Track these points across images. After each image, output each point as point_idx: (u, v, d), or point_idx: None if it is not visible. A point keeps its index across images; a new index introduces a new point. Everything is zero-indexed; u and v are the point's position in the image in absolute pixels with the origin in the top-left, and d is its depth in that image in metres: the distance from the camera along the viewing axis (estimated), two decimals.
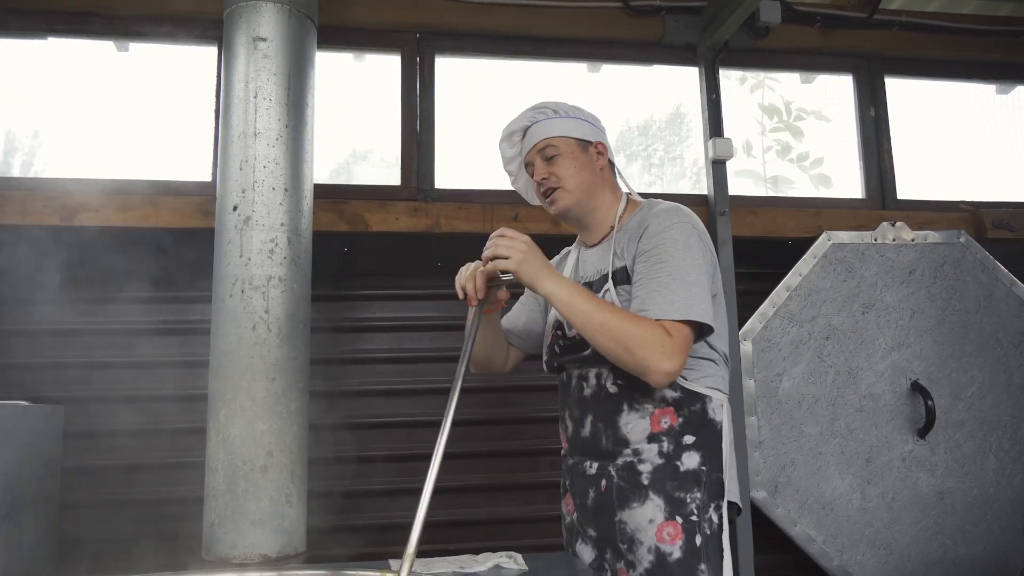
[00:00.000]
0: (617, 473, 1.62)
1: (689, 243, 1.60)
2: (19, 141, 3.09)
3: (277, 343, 2.16)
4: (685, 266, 1.56)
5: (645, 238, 1.63)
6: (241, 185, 2.22)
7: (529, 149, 1.78)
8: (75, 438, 2.47)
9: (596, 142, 1.79)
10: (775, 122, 3.61)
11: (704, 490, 1.58)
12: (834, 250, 3.08)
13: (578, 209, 1.76)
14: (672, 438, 1.60)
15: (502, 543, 2.70)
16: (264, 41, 2.27)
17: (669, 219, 1.63)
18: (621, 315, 1.53)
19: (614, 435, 1.64)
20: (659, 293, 1.54)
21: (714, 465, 1.61)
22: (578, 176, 1.74)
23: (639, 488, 1.59)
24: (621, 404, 1.64)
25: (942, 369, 3.07)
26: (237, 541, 2.04)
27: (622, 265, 1.68)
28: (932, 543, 2.96)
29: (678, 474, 1.59)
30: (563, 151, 1.74)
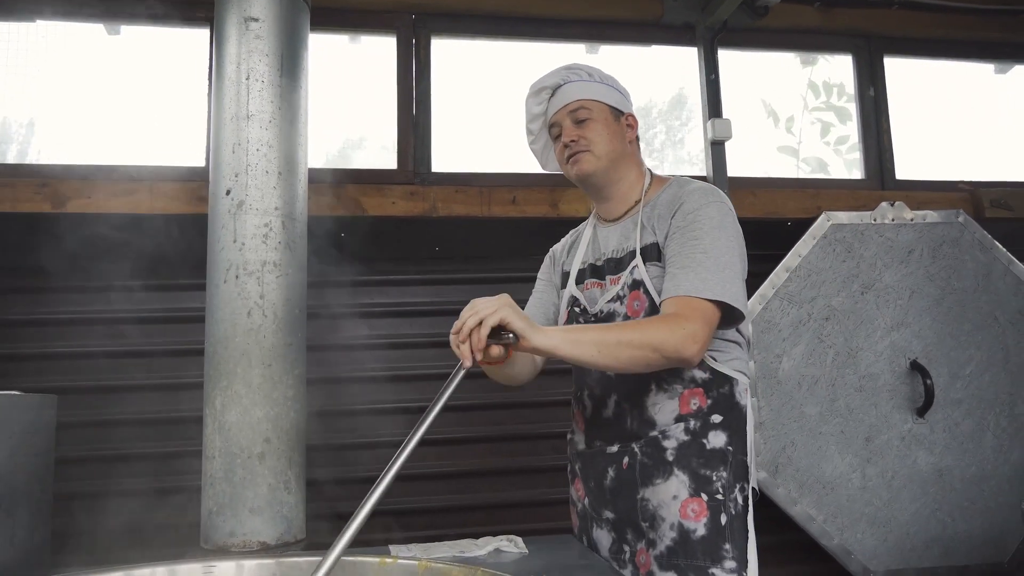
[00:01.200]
0: (641, 450, 1.58)
1: (724, 223, 1.55)
2: (9, 127, 3.04)
3: (273, 329, 2.13)
4: (720, 246, 1.51)
5: (680, 215, 1.57)
6: (234, 169, 2.18)
7: (558, 109, 1.71)
8: (69, 428, 2.45)
9: (628, 114, 1.73)
10: (820, 100, 3.58)
11: (730, 470, 1.54)
12: (833, 231, 3.06)
13: (602, 177, 1.70)
14: (699, 418, 1.56)
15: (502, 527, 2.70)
16: (256, 21, 2.22)
17: (706, 197, 1.58)
18: (633, 323, 1.50)
19: (640, 416, 1.60)
20: (692, 270, 1.49)
21: (740, 447, 1.58)
22: (608, 144, 1.68)
23: (663, 464, 1.55)
24: (649, 384, 1.59)
25: (940, 348, 3.07)
26: (236, 529, 2.02)
27: (653, 241, 1.62)
28: (931, 520, 2.97)
29: (704, 451, 1.55)
30: (595, 115, 1.68)
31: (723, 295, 1.47)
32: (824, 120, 3.59)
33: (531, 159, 3.21)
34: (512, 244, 3.05)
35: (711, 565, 1.49)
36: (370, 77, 3.23)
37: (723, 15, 3.22)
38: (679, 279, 1.49)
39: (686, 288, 1.47)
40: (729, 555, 1.50)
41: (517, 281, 3.06)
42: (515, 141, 3.28)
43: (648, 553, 1.55)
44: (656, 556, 1.53)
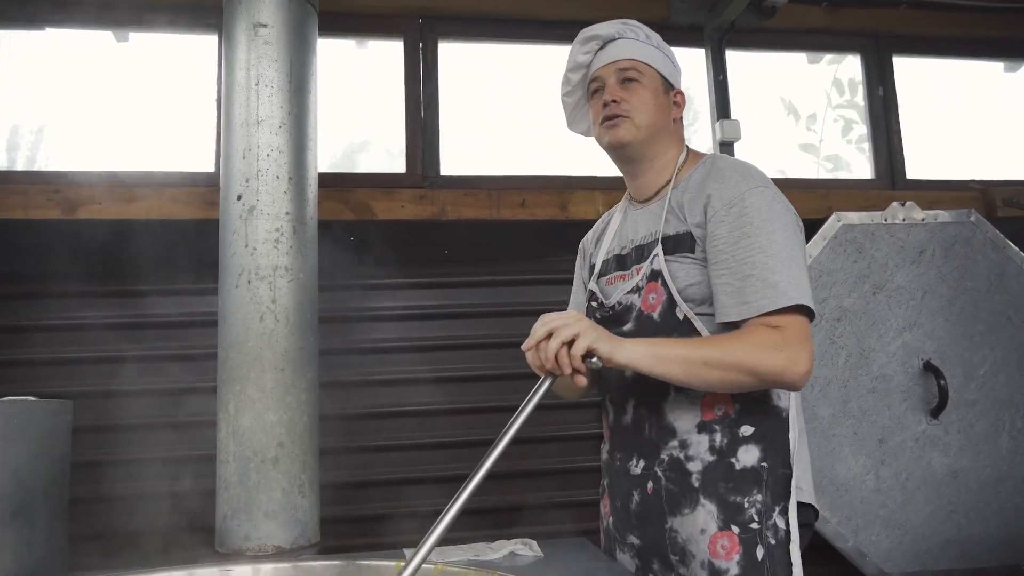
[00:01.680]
0: (664, 474, 1.41)
1: (774, 209, 1.36)
2: (20, 134, 3.06)
3: (285, 333, 2.14)
4: (777, 239, 1.32)
5: (716, 203, 1.38)
6: (245, 174, 2.19)
7: (606, 63, 1.53)
8: (84, 433, 2.45)
9: (678, 90, 1.58)
10: (843, 98, 3.56)
11: (766, 491, 1.33)
12: (844, 231, 3.04)
13: (638, 149, 1.52)
14: (726, 429, 1.37)
15: (515, 530, 2.69)
16: (265, 27, 2.23)
17: (744, 183, 1.38)
18: (719, 339, 1.31)
19: (659, 423, 1.42)
20: (756, 278, 1.29)
21: (778, 460, 1.36)
22: (653, 115, 1.50)
23: (689, 491, 1.37)
24: (667, 389, 1.40)
25: (954, 349, 3.05)
26: (250, 533, 2.02)
27: (684, 230, 1.43)
28: (946, 522, 2.94)
29: (732, 473, 1.34)
30: (646, 81, 1.51)
31: (798, 297, 1.29)
32: (847, 118, 3.58)
33: (540, 160, 3.24)
34: (521, 247, 3.05)
35: None
36: (377, 81, 3.24)
37: (730, 16, 3.22)
38: (745, 293, 1.30)
39: (755, 305, 1.29)
40: None
41: (527, 284, 3.08)
42: (523, 143, 3.29)
43: None
44: None
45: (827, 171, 3.55)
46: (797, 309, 1.29)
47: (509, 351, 2.96)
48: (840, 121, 3.56)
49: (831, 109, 3.56)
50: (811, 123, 3.54)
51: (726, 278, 1.33)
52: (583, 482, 2.93)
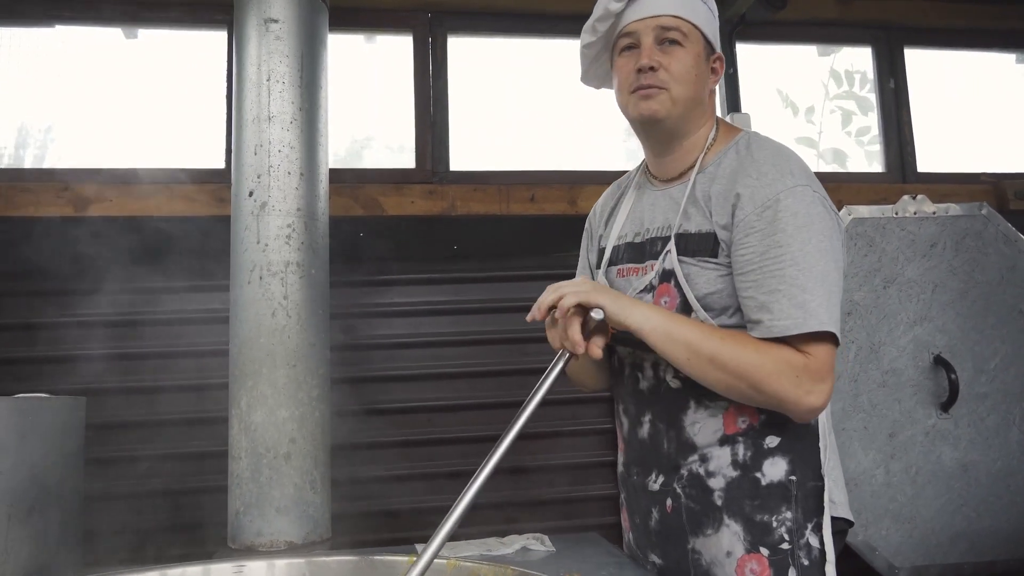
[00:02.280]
0: (684, 491, 1.29)
1: (812, 214, 1.19)
2: (30, 132, 3.07)
3: (297, 329, 2.14)
4: (811, 251, 1.17)
5: (748, 205, 1.22)
6: (256, 170, 2.19)
7: (644, 16, 1.29)
8: (98, 429, 2.47)
9: (718, 54, 1.37)
10: (841, 89, 3.54)
11: (796, 507, 1.22)
12: (854, 225, 3.03)
13: (671, 125, 1.33)
14: (750, 441, 1.25)
15: (525, 525, 2.70)
16: (276, 23, 2.23)
17: (782, 180, 1.21)
18: (736, 341, 1.18)
19: (677, 437, 1.30)
20: (783, 295, 1.16)
21: (808, 472, 1.24)
22: (692, 86, 1.30)
23: (712, 510, 1.25)
24: (687, 401, 1.29)
25: (965, 342, 3.04)
26: (263, 528, 2.03)
27: (708, 229, 1.27)
28: (956, 516, 2.94)
29: (759, 490, 1.23)
30: (689, 44, 1.30)
31: (828, 323, 1.15)
32: (845, 109, 3.55)
33: (549, 155, 3.24)
34: (531, 242, 3.05)
35: None
36: (387, 76, 3.23)
37: (740, 8, 3.20)
38: (772, 309, 1.17)
39: (780, 325, 1.16)
40: None
41: (537, 279, 3.04)
42: (533, 138, 3.29)
43: None
44: None
45: (826, 164, 3.53)
46: (825, 336, 1.16)
47: (519, 346, 2.97)
48: (838, 112, 3.53)
49: (829, 100, 3.54)
50: (810, 115, 3.52)
51: (752, 291, 1.20)
52: (595, 477, 2.94)
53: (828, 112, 3.52)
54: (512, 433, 1.18)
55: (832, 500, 1.27)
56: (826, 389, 1.15)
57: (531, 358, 3.00)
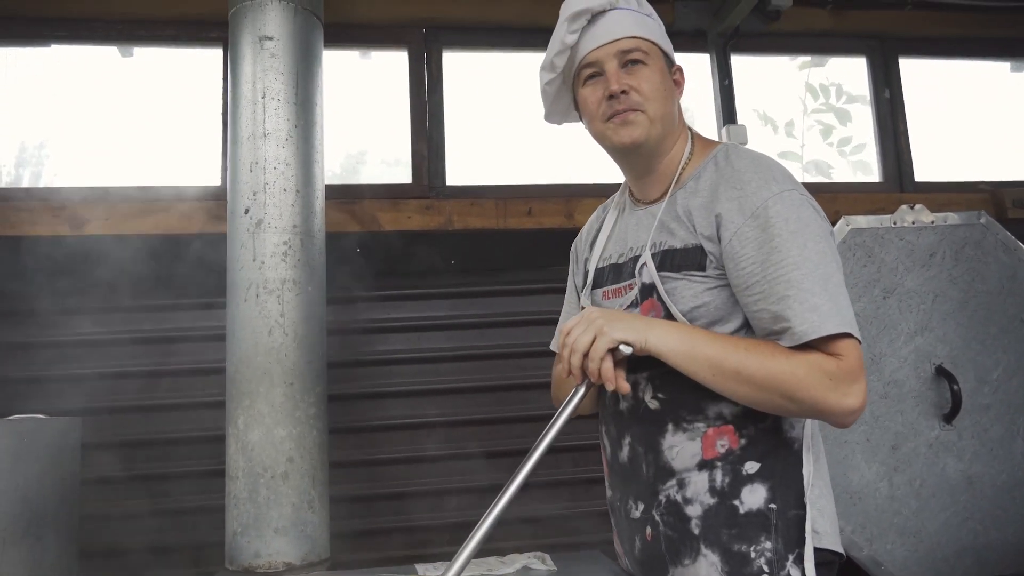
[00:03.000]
0: (662, 519, 1.24)
1: (803, 216, 1.16)
2: (27, 151, 3.06)
3: (294, 347, 2.13)
4: (810, 253, 1.13)
5: (737, 218, 1.18)
6: (252, 187, 2.19)
7: (602, 44, 1.27)
8: (93, 449, 2.45)
9: (677, 66, 1.35)
10: (819, 103, 3.56)
11: (776, 537, 1.17)
12: (853, 235, 3.02)
13: (653, 148, 1.30)
14: (728, 466, 1.20)
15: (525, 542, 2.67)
16: (271, 40, 2.23)
17: (767, 187, 1.18)
18: (761, 351, 1.13)
19: (655, 461, 1.25)
20: (793, 299, 1.12)
21: (790, 500, 1.19)
22: (663, 103, 1.27)
23: (689, 539, 1.20)
24: (664, 423, 1.24)
25: (966, 352, 3.01)
26: (260, 549, 2.01)
27: (694, 243, 1.23)
28: (962, 529, 2.91)
29: (736, 518, 1.18)
30: (652, 61, 1.27)
31: (843, 323, 1.11)
32: (825, 122, 3.57)
33: (546, 169, 3.23)
34: (528, 256, 3.04)
35: None
36: (382, 92, 3.24)
37: (735, 20, 3.21)
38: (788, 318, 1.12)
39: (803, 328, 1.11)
40: None
41: (534, 293, 3.06)
42: (529, 152, 3.29)
43: None
44: None
45: (812, 176, 3.55)
46: (847, 336, 1.11)
47: (517, 361, 2.96)
48: (817, 126, 3.55)
49: (807, 115, 3.55)
50: (790, 130, 3.53)
51: (761, 303, 1.15)
52: (596, 493, 2.91)
53: (807, 128, 3.54)
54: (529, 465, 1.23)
55: (815, 530, 1.20)
56: (861, 389, 1.11)
57: (529, 372, 2.99)
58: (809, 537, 1.18)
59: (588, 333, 1.15)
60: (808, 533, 1.18)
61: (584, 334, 1.15)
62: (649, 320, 1.19)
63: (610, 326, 1.15)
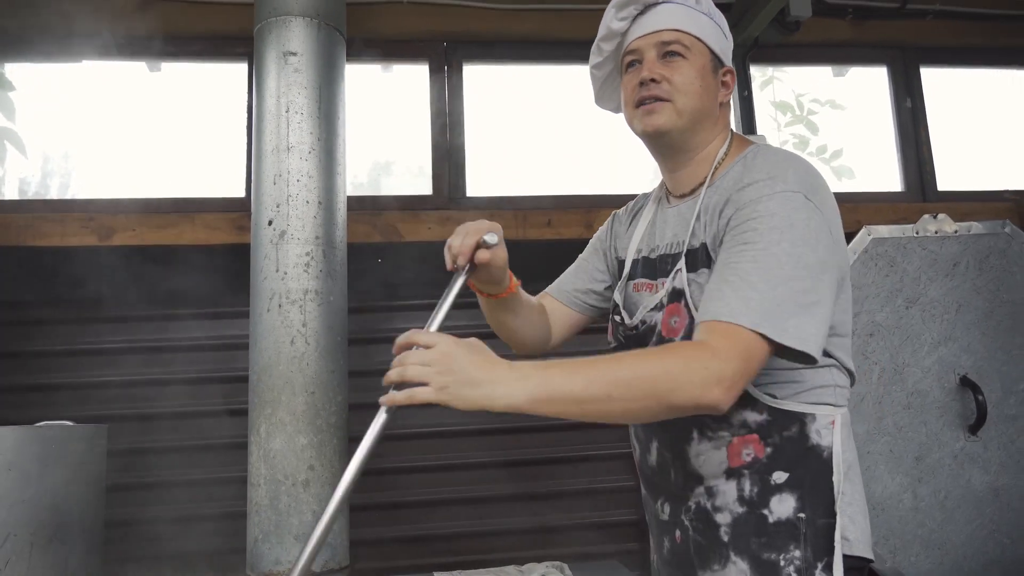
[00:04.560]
0: (691, 524, 1.25)
1: (793, 220, 1.12)
2: (55, 164, 3.14)
3: (316, 356, 2.16)
4: (778, 252, 1.09)
5: (731, 207, 1.19)
6: (275, 199, 2.22)
7: (646, 33, 1.30)
8: (119, 456, 2.49)
9: (728, 67, 1.35)
10: (789, 117, 3.57)
11: (805, 545, 1.16)
12: (875, 245, 3.00)
13: (677, 138, 1.30)
14: (756, 476, 1.19)
15: (544, 552, 2.67)
16: (295, 55, 2.28)
17: (770, 185, 1.15)
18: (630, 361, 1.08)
19: (684, 468, 1.26)
20: (731, 286, 1.09)
21: (819, 509, 1.18)
22: (698, 98, 1.28)
23: (718, 546, 1.21)
24: (690, 431, 1.24)
25: (992, 363, 2.98)
26: (281, 556, 2.03)
27: (703, 241, 1.24)
28: (988, 542, 2.86)
29: (766, 527, 1.17)
30: (693, 56, 1.28)
31: (762, 324, 1.05)
32: (800, 135, 3.57)
33: (565, 180, 3.25)
34: (548, 266, 3.04)
35: None
36: (403, 104, 3.28)
37: (754, 32, 3.21)
38: (715, 297, 1.11)
39: (717, 310, 1.08)
40: None
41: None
42: (548, 163, 3.31)
43: None
44: None
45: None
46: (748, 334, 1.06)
47: None
48: (794, 139, 3.55)
49: (780, 131, 3.55)
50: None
51: (710, 284, 1.15)
52: (614, 503, 2.91)
53: (782, 143, 3.55)
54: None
55: (846, 538, 1.19)
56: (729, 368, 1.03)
57: None
58: (838, 545, 1.17)
59: (425, 377, 1.07)
60: (838, 541, 1.17)
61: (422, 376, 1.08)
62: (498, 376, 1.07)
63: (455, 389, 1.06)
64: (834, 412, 1.22)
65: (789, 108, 3.59)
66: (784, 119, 3.59)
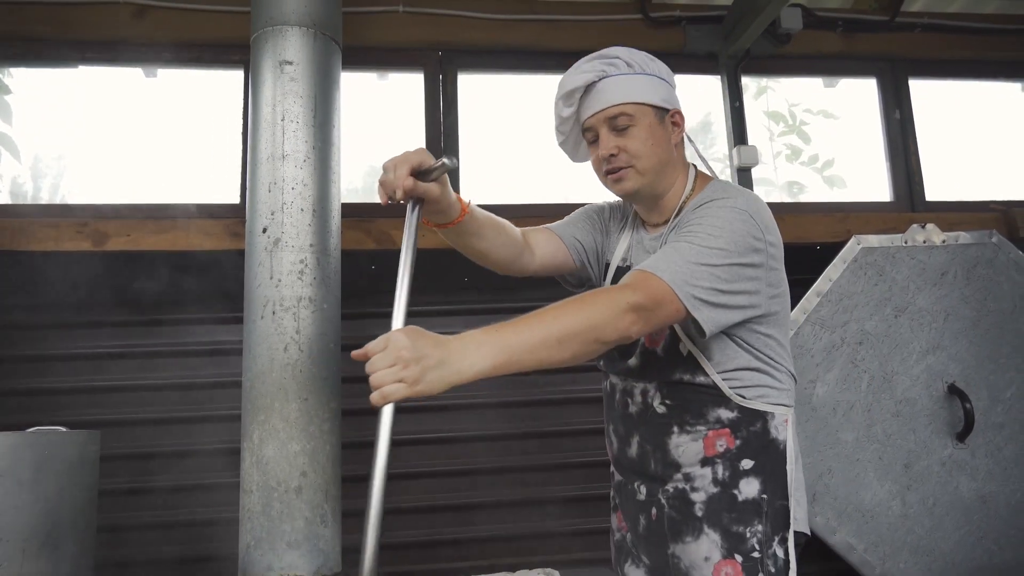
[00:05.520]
0: (668, 501, 1.44)
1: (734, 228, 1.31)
2: (51, 169, 3.15)
3: (308, 363, 2.17)
4: (712, 243, 1.28)
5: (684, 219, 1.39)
6: (270, 207, 2.24)
7: (594, 112, 1.44)
8: (110, 461, 2.49)
9: (674, 110, 1.48)
10: (782, 127, 3.61)
11: (766, 521, 1.38)
12: (864, 254, 3.03)
13: (648, 192, 1.48)
14: (728, 463, 1.40)
15: (535, 558, 2.68)
16: (290, 64, 2.29)
17: (722, 200, 1.36)
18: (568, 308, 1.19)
19: (663, 458, 1.45)
20: (662, 253, 1.29)
21: (777, 492, 1.40)
22: (653, 154, 1.43)
23: (692, 520, 1.40)
24: (671, 426, 1.43)
25: (979, 371, 3.01)
26: (273, 563, 2.04)
27: None
28: (976, 548, 2.89)
29: (736, 505, 1.38)
30: (639, 120, 1.42)
31: (677, 283, 1.22)
32: (792, 145, 3.61)
33: (558, 189, 3.27)
34: None
35: None
36: (398, 112, 3.30)
37: (746, 43, 3.25)
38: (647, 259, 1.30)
39: (645, 264, 1.27)
40: None
41: None
42: (543, 172, 3.33)
43: None
44: None
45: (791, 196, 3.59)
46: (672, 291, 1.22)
47: (530, 378, 2.98)
48: (787, 150, 3.59)
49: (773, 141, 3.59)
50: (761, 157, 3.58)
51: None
52: (604, 509, 2.91)
53: (776, 153, 3.58)
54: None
55: (795, 517, 1.41)
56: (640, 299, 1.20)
57: (544, 389, 3.02)
58: (793, 523, 1.39)
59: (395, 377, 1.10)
60: (793, 520, 1.40)
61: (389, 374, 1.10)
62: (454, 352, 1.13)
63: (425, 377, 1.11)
64: (787, 412, 1.43)
65: (782, 118, 3.63)
66: (777, 129, 3.63)
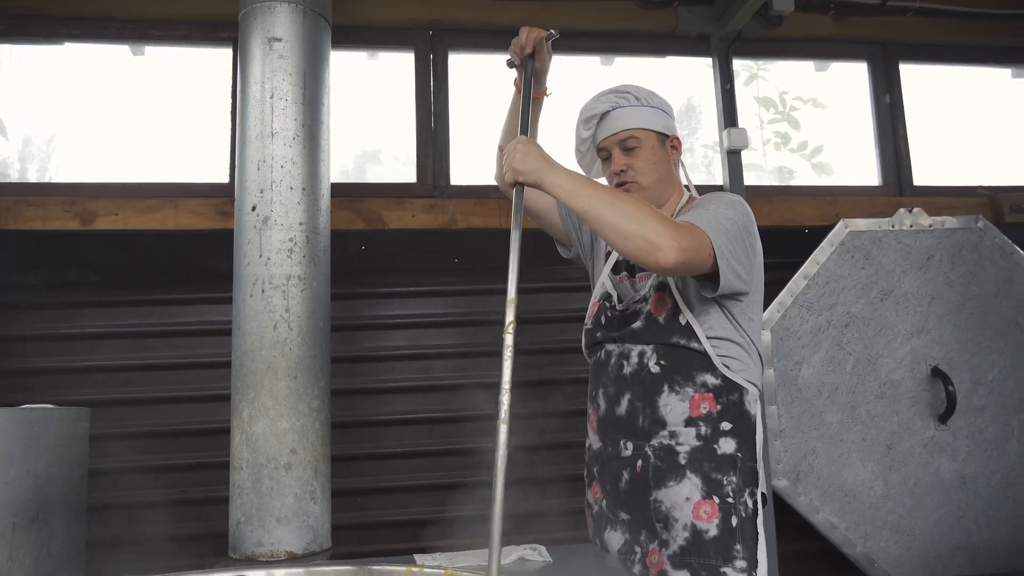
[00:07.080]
0: (654, 454, 1.63)
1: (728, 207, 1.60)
2: (37, 147, 3.12)
3: (298, 341, 2.18)
4: (720, 218, 1.54)
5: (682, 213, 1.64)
6: (259, 185, 2.23)
7: (608, 136, 1.77)
8: (101, 440, 2.50)
9: (673, 136, 1.80)
10: (772, 114, 3.61)
11: (739, 475, 1.60)
12: (851, 237, 3.06)
13: (650, 201, 1.73)
14: (710, 423, 1.61)
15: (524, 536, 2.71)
16: (279, 41, 2.28)
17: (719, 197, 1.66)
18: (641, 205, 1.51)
19: (652, 415, 1.65)
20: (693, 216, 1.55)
21: (748, 454, 1.63)
22: (654, 172, 1.75)
23: (676, 467, 1.60)
24: (662, 384, 1.64)
25: (962, 354, 3.05)
26: (263, 539, 2.06)
27: None
28: (955, 528, 2.95)
29: (715, 456, 1.60)
30: (644, 144, 1.75)
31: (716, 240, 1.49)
32: (781, 132, 3.62)
33: None
34: (530, 255, 3.07)
35: (723, 564, 1.55)
36: (388, 92, 3.28)
37: (737, 25, 3.24)
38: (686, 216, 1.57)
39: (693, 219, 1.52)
40: (740, 555, 1.55)
41: (536, 292, 3.11)
42: None
43: (661, 553, 1.60)
44: (669, 556, 1.58)
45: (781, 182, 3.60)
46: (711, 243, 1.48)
47: (519, 359, 2.99)
48: (776, 137, 3.60)
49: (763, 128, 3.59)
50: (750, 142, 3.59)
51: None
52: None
53: (765, 140, 3.58)
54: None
55: (761, 479, 1.64)
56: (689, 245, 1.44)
57: (534, 371, 3.04)
58: (760, 483, 1.64)
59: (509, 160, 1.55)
60: (761, 479, 1.64)
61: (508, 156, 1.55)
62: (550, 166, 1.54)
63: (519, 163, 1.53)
64: (756, 392, 1.67)
65: (772, 104, 3.63)
66: (767, 115, 3.63)
